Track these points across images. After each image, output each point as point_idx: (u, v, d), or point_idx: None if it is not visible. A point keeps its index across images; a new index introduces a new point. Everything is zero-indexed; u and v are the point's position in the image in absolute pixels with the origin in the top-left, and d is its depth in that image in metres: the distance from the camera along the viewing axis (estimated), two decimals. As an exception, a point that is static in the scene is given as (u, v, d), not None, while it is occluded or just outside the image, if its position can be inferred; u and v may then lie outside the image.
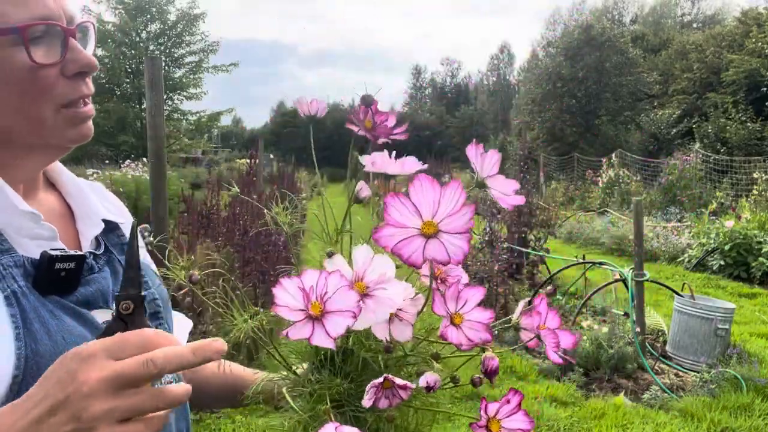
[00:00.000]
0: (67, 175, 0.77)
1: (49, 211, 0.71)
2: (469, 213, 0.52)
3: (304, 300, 0.52)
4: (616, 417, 3.39)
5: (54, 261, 0.61)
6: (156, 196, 3.02)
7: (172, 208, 7.38)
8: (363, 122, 0.66)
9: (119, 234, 0.77)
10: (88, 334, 0.63)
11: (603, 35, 25.88)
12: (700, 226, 8.71)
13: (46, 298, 0.61)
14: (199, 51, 23.49)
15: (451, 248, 0.52)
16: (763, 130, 18.92)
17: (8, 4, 0.60)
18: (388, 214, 0.52)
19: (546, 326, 0.66)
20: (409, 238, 0.52)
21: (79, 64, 0.65)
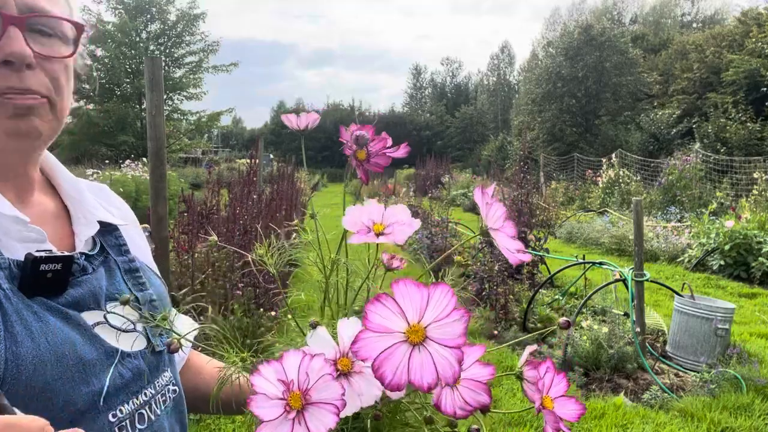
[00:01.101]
0: (66, 177, 0.77)
1: (44, 213, 0.71)
2: (463, 320, 0.45)
3: (284, 391, 0.48)
4: (616, 417, 3.39)
5: (39, 262, 0.60)
6: (156, 196, 3.02)
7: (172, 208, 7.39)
8: (356, 155, 0.66)
9: (117, 236, 0.77)
10: (75, 335, 0.62)
11: (603, 35, 25.88)
12: (700, 226, 8.71)
13: (32, 300, 0.60)
14: (199, 51, 23.52)
15: (440, 361, 0.45)
16: (763, 130, 18.92)
17: None
18: (369, 320, 0.46)
19: (549, 396, 0.59)
20: (393, 347, 0.46)
21: (6, 52, 0.60)
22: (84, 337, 0.63)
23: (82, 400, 0.60)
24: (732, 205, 10.74)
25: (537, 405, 0.57)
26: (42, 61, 0.64)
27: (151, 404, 0.69)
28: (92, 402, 0.61)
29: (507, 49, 54.34)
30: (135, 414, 0.67)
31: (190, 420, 3.14)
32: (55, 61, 0.65)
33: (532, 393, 0.57)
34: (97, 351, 0.64)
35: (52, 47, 0.65)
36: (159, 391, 0.72)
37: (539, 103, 27.75)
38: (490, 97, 50.52)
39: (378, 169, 0.67)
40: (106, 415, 0.63)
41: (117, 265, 0.73)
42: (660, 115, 23.90)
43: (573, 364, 4.03)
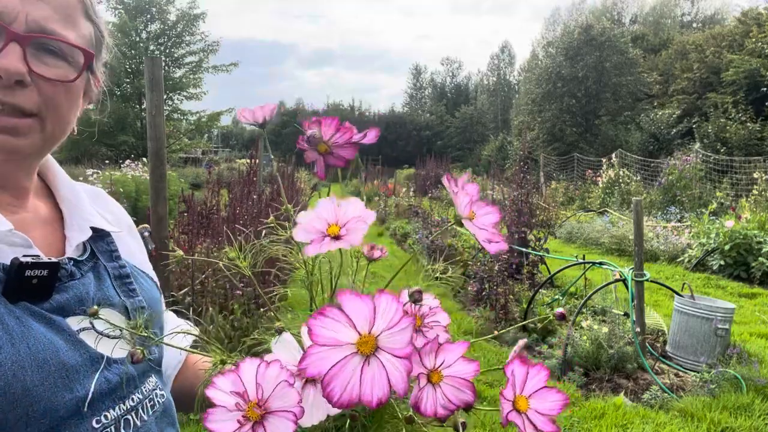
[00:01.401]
0: (65, 183, 0.77)
1: (37, 218, 0.71)
2: (410, 326, 0.44)
3: (240, 402, 0.46)
4: (616, 417, 3.39)
5: (24, 268, 0.60)
6: (156, 196, 3.02)
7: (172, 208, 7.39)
8: (316, 148, 0.60)
9: (109, 242, 0.76)
10: (58, 341, 0.61)
11: (603, 35, 25.89)
12: (700, 226, 8.71)
13: (16, 305, 0.60)
14: (199, 51, 23.51)
15: (393, 373, 0.43)
16: (763, 130, 18.92)
17: None
18: (315, 334, 0.43)
19: (525, 396, 0.54)
20: (343, 360, 0.43)
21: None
22: (68, 342, 0.62)
23: (65, 406, 0.60)
24: (732, 205, 10.74)
25: (504, 415, 0.52)
26: (39, 80, 0.64)
27: (138, 409, 0.69)
28: (75, 408, 0.61)
29: (507, 49, 54.37)
30: (121, 420, 0.66)
31: (190, 420, 3.14)
32: (55, 81, 0.65)
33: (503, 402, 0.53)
34: (81, 357, 0.63)
35: (57, 69, 0.65)
36: (146, 396, 0.71)
37: (539, 103, 27.76)
38: (490, 97, 50.53)
39: (341, 163, 0.61)
40: (89, 420, 0.62)
41: (107, 271, 0.73)
42: (660, 115, 23.90)
43: (573, 364, 4.03)
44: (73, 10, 0.67)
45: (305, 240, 0.55)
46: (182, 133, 23.51)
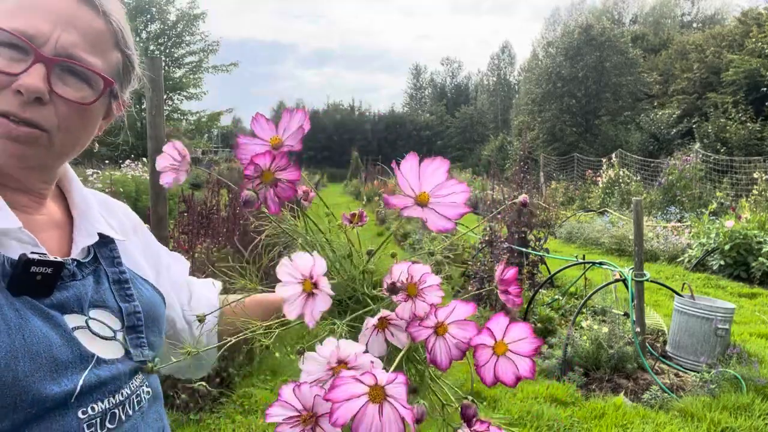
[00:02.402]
0: (77, 188, 0.83)
1: (50, 220, 0.77)
2: (403, 384, 0.53)
3: (294, 416, 0.57)
4: (616, 417, 3.39)
5: (30, 264, 0.64)
6: (156, 196, 3.02)
7: (172, 208, 7.38)
8: (262, 183, 0.65)
9: (112, 248, 0.81)
10: (53, 336, 0.65)
11: (603, 35, 25.89)
12: (700, 226, 8.71)
13: (18, 298, 0.64)
14: (199, 51, 23.52)
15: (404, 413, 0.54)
16: (763, 130, 18.93)
17: (8, 14, 0.67)
18: (334, 396, 0.53)
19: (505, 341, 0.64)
20: (363, 408, 0.54)
21: (19, 83, 0.66)
22: (62, 338, 0.66)
23: (53, 398, 0.63)
24: (732, 205, 10.74)
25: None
26: (57, 100, 0.69)
27: (124, 405, 0.72)
28: (62, 400, 0.64)
29: (507, 49, 54.36)
30: (107, 413, 0.69)
31: (190, 420, 3.14)
32: (72, 102, 0.70)
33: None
34: (73, 353, 0.66)
35: (78, 91, 0.71)
36: (134, 392, 0.74)
37: (539, 103, 27.76)
38: (490, 97, 50.52)
39: (291, 192, 0.65)
40: (75, 411, 0.65)
41: (106, 275, 0.77)
42: (660, 115, 23.90)
43: (573, 364, 4.03)
44: (102, 39, 0.73)
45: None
46: (182, 133, 23.50)
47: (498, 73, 53.07)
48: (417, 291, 0.61)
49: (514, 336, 0.62)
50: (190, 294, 0.98)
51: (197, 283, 1.02)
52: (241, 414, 3.26)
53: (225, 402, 3.38)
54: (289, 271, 0.60)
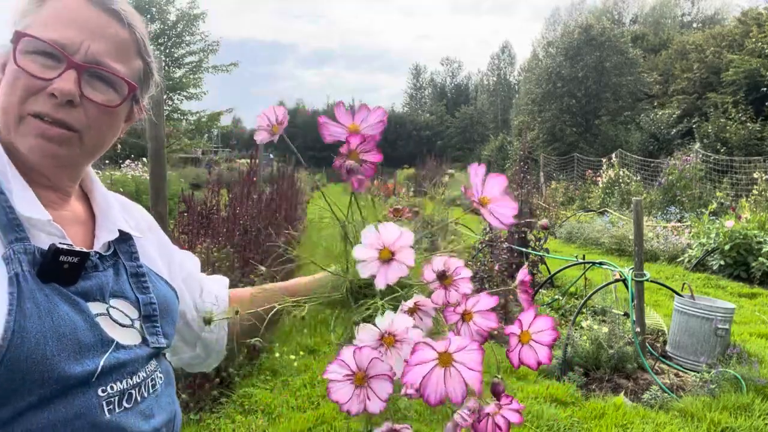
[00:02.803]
0: (98, 189, 0.90)
1: (75, 216, 0.84)
2: (478, 350, 0.64)
3: (350, 375, 0.66)
4: (616, 417, 3.38)
5: (59, 253, 0.71)
6: (156, 196, 3.02)
7: (172, 208, 7.38)
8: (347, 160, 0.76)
9: (131, 244, 0.88)
10: (78, 320, 0.71)
11: (603, 35, 25.87)
12: (700, 226, 8.71)
13: (47, 285, 0.70)
14: (199, 51, 23.48)
15: (468, 376, 0.64)
16: (763, 130, 18.92)
17: (43, 25, 0.75)
18: (410, 361, 0.63)
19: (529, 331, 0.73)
20: (430, 371, 0.64)
21: (54, 87, 0.73)
22: (86, 323, 0.72)
23: (75, 377, 0.69)
24: (732, 205, 10.73)
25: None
26: (87, 103, 0.77)
27: (140, 387, 0.78)
28: (84, 379, 0.70)
29: (507, 49, 54.35)
30: (125, 393, 0.75)
31: (190, 420, 3.14)
32: (100, 105, 0.78)
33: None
34: (95, 337, 0.72)
35: (105, 95, 0.79)
36: (149, 375, 0.80)
37: (539, 103, 27.74)
38: (490, 97, 50.51)
39: (370, 172, 0.76)
40: (95, 390, 0.71)
41: (125, 269, 0.84)
42: (660, 115, 23.89)
43: (573, 364, 4.03)
44: (127, 47, 0.81)
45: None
46: (182, 133, 23.47)
47: (498, 73, 53.05)
48: (452, 281, 0.72)
49: (538, 327, 0.72)
50: (201, 288, 1.05)
51: (207, 279, 1.10)
52: (241, 414, 3.26)
53: (225, 402, 3.38)
54: (372, 239, 0.69)
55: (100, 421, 0.71)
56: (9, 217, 0.72)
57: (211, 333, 1.03)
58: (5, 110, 0.75)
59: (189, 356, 1.03)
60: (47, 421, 0.66)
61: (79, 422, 0.69)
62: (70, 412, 0.68)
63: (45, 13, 0.76)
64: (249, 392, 3.50)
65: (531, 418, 3.32)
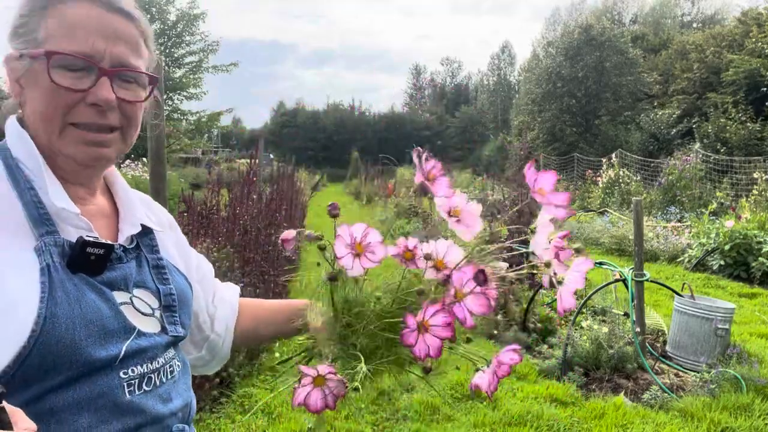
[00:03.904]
0: (123, 186, 0.95)
1: (100, 210, 0.89)
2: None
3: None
4: (616, 417, 3.38)
5: (86, 245, 0.76)
6: (156, 196, 3.01)
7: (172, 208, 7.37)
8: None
9: (152, 238, 0.93)
10: (104, 308, 0.76)
11: (603, 35, 25.86)
12: (700, 226, 8.71)
13: (75, 275, 0.76)
14: (199, 51, 23.46)
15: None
16: (763, 130, 18.91)
17: (63, 37, 0.78)
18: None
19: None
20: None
21: (96, 97, 0.79)
22: (111, 310, 0.77)
23: (100, 360, 0.74)
24: (732, 205, 10.74)
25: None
26: (122, 102, 0.83)
27: (159, 372, 0.83)
28: (108, 362, 0.75)
29: (507, 49, 54.33)
30: (144, 377, 0.80)
31: (190, 420, 3.14)
32: (134, 102, 0.85)
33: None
34: (119, 324, 0.78)
35: (132, 91, 0.85)
36: (167, 362, 0.86)
37: (539, 103, 27.73)
38: (490, 97, 50.48)
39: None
40: (117, 372, 0.77)
41: (147, 261, 0.89)
42: (660, 115, 23.88)
43: (573, 364, 4.03)
44: (139, 42, 0.86)
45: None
46: (182, 133, 23.45)
47: (498, 73, 53.03)
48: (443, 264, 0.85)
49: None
50: (214, 293, 1.11)
51: (221, 285, 1.15)
52: (241, 414, 3.26)
53: (225, 402, 3.38)
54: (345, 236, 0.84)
55: (121, 401, 0.76)
56: (40, 212, 0.77)
57: (219, 336, 1.08)
58: (47, 121, 0.80)
59: (194, 357, 1.07)
60: (72, 400, 0.72)
61: (102, 401, 0.74)
62: (93, 391, 0.73)
63: (58, 23, 0.79)
64: (249, 392, 3.50)
65: (531, 418, 3.32)
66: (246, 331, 1.12)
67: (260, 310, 1.15)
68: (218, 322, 1.08)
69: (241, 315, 1.13)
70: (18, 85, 0.81)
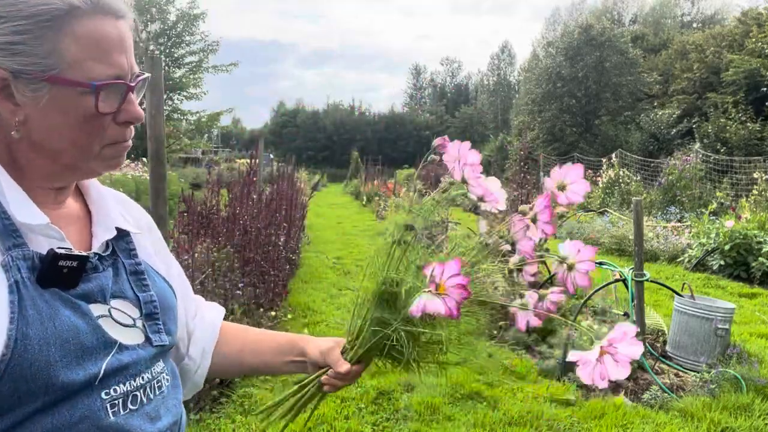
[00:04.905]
0: (95, 186, 0.88)
1: (71, 214, 0.82)
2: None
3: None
4: (616, 417, 3.38)
5: (58, 258, 0.70)
6: (156, 196, 3.02)
7: (172, 208, 7.38)
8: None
9: (128, 241, 0.86)
10: (80, 324, 0.70)
11: (603, 35, 25.87)
12: (700, 226, 8.71)
13: (47, 290, 0.69)
14: (199, 51, 23.47)
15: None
16: (763, 130, 18.91)
17: (94, 61, 0.72)
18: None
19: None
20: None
21: (130, 116, 0.77)
22: (88, 326, 0.71)
23: (78, 381, 0.68)
24: (732, 205, 10.74)
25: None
26: None
27: (146, 388, 0.78)
28: (87, 383, 0.70)
29: (507, 49, 54.35)
30: (129, 395, 0.75)
31: (190, 420, 3.14)
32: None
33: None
34: (98, 340, 0.72)
35: (138, 98, 0.81)
36: (155, 377, 0.80)
37: (539, 103, 27.74)
38: (490, 97, 50.50)
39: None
40: (99, 393, 0.71)
41: (124, 267, 0.83)
42: (660, 115, 23.89)
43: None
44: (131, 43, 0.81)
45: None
46: (182, 133, 23.46)
47: (498, 73, 53.04)
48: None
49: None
50: (195, 309, 1.04)
51: (203, 303, 1.08)
52: (241, 414, 3.26)
53: (225, 402, 3.38)
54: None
55: (104, 423, 0.71)
56: (5, 223, 0.70)
57: (192, 361, 1.00)
58: (82, 147, 0.76)
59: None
60: (51, 426, 0.67)
61: (84, 425, 0.69)
62: (74, 416, 0.68)
63: (83, 44, 0.71)
64: (249, 392, 3.50)
65: (531, 418, 3.32)
66: (228, 359, 1.04)
67: (249, 338, 1.07)
68: (194, 344, 1.01)
69: (226, 340, 1.04)
70: (10, 103, 0.71)
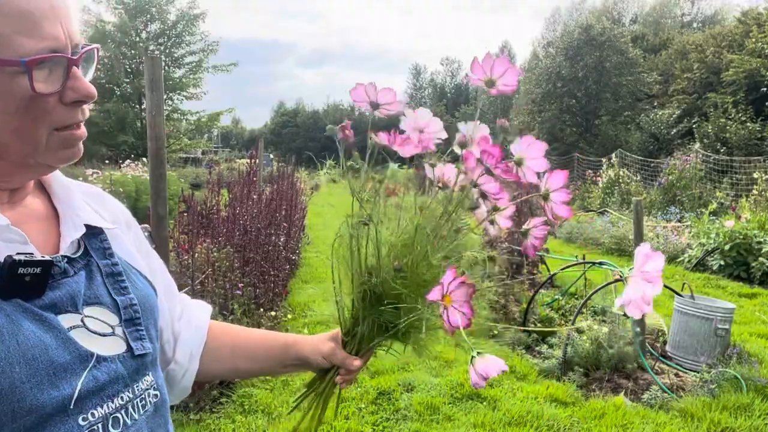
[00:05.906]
0: (57, 179, 0.78)
1: (33, 214, 0.72)
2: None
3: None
4: (616, 417, 3.38)
5: (17, 266, 0.61)
6: (156, 196, 3.02)
7: (172, 208, 7.38)
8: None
9: (102, 239, 0.76)
10: (48, 338, 0.62)
11: (603, 35, 25.86)
12: (700, 226, 8.71)
13: (8, 302, 0.61)
14: (199, 51, 23.49)
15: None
16: (763, 130, 18.90)
17: (23, 35, 0.61)
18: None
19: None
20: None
21: (78, 93, 0.66)
22: (57, 340, 0.63)
23: (51, 404, 0.60)
24: (732, 205, 10.74)
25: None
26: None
27: (128, 408, 0.69)
28: (61, 406, 0.62)
29: (507, 48, 54.33)
30: (109, 417, 0.66)
31: (190, 420, 3.14)
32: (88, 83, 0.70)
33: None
34: (71, 355, 0.63)
35: (88, 70, 0.71)
36: (138, 395, 0.71)
37: (539, 103, 27.73)
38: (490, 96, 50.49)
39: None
40: (75, 418, 0.63)
41: (99, 269, 0.73)
42: (660, 115, 23.88)
43: (573, 364, 4.03)
44: (73, 7, 0.69)
45: None
46: (182, 133, 23.48)
47: (498, 73, 52.99)
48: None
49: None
50: (181, 310, 0.96)
51: (189, 303, 1.00)
52: (241, 414, 3.26)
53: (225, 402, 3.38)
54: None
55: None
56: None
57: (179, 366, 0.93)
58: (27, 136, 0.65)
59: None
60: None
61: None
62: None
63: (8, 17, 0.61)
64: (249, 392, 3.50)
65: (531, 418, 3.32)
66: (219, 362, 0.97)
67: (239, 340, 1.00)
68: (181, 348, 0.93)
69: (215, 343, 0.97)
70: None
